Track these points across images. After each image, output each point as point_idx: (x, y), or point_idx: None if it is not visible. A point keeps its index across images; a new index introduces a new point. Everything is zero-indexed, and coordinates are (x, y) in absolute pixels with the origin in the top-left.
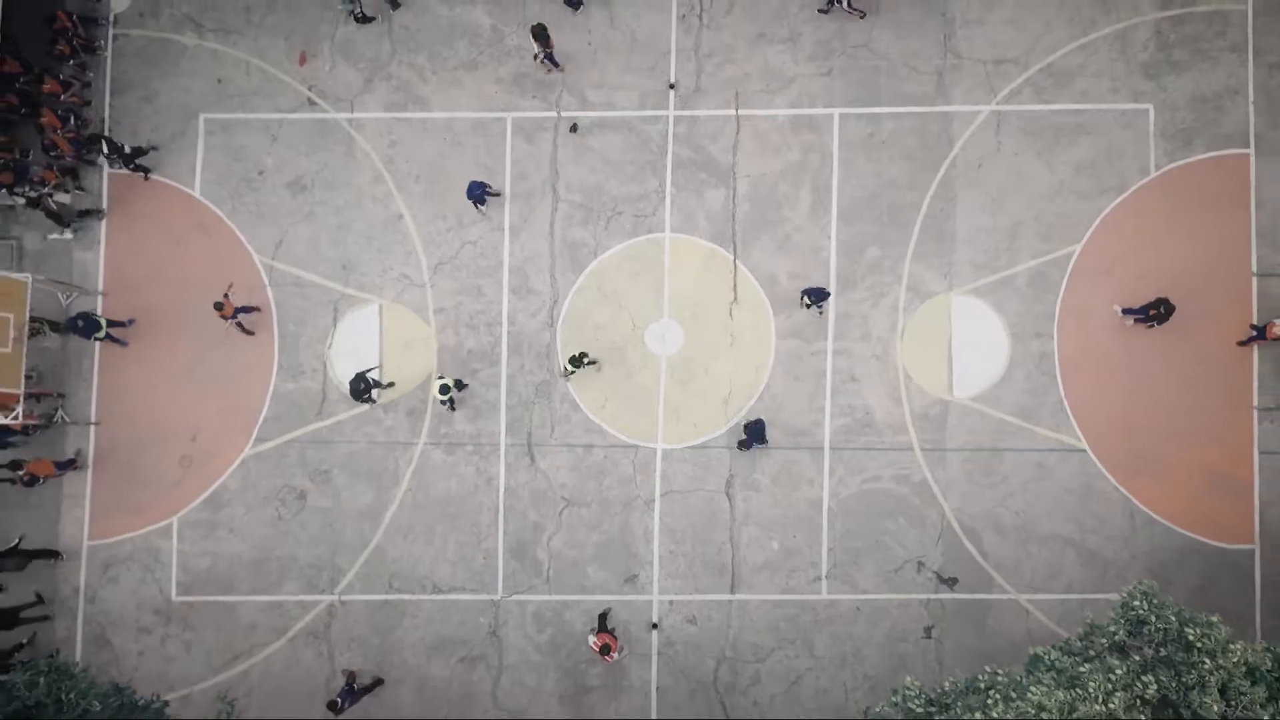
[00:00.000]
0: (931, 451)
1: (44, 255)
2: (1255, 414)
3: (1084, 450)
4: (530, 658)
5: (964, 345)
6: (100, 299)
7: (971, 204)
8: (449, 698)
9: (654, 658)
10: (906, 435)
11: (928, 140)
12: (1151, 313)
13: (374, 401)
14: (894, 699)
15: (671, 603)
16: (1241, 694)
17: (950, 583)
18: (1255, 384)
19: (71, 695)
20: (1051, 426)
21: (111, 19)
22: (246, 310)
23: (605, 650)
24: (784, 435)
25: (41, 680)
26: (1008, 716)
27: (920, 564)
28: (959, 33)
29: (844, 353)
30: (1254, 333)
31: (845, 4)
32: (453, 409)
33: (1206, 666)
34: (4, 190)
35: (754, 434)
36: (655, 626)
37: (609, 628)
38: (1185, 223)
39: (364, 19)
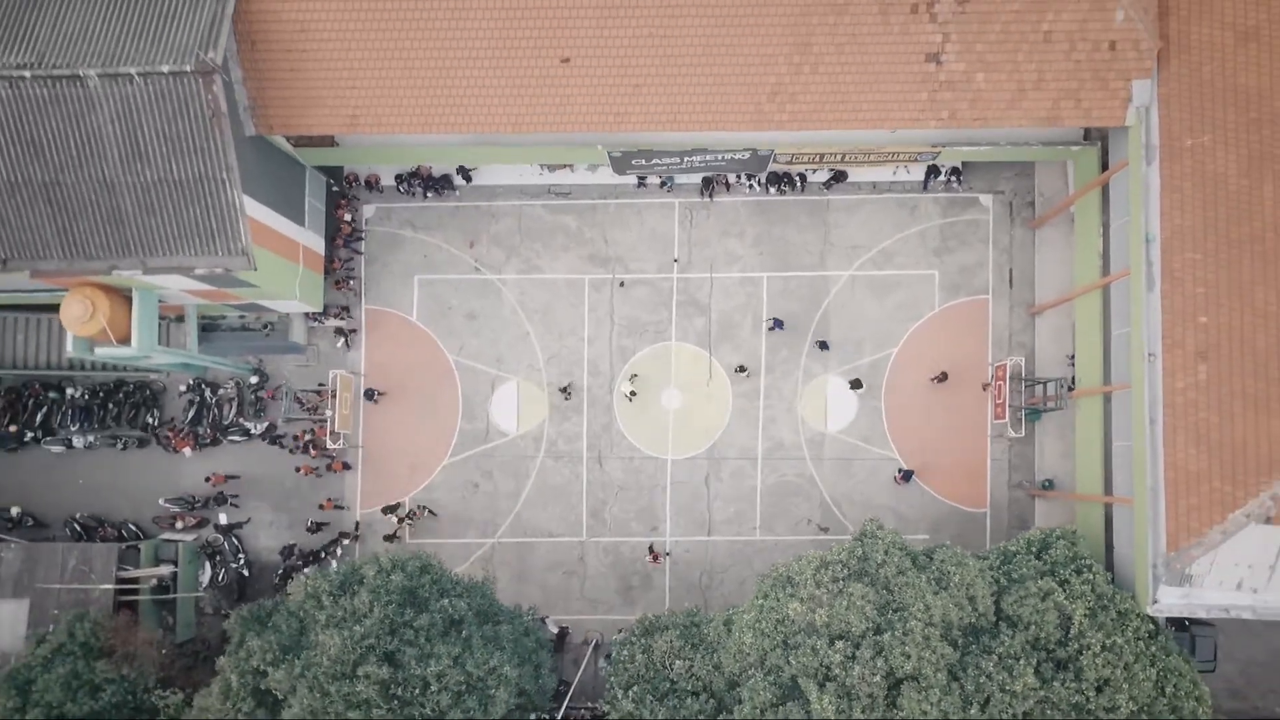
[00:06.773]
0: (815, 460)
1: (329, 355)
2: (989, 439)
3: (897, 459)
4: (601, 571)
5: (834, 403)
6: (363, 377)
7: (838, 326)
8: (558, 592)
9: (667, 571)
10: (802, 452)
11: (815, 291)
12: (943, 378)
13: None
14: (770, 571)
15: (676, 541)
16: (896, 559)
17: (825, 531)
18: (989, 421)
19: (435, 563)
20: (881, 446)
21: (364, 223)
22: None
23: (655, 558)
24: (737, 453)
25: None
26: (799, 564)
27: (809, 520)
28: (833, 231)
29: (769, 407)
30: (987, 387)
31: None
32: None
33: (880, 545)
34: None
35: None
36: (668, 554)
37: (665, 551)
38: (953, 336)
39: (436, 189)
